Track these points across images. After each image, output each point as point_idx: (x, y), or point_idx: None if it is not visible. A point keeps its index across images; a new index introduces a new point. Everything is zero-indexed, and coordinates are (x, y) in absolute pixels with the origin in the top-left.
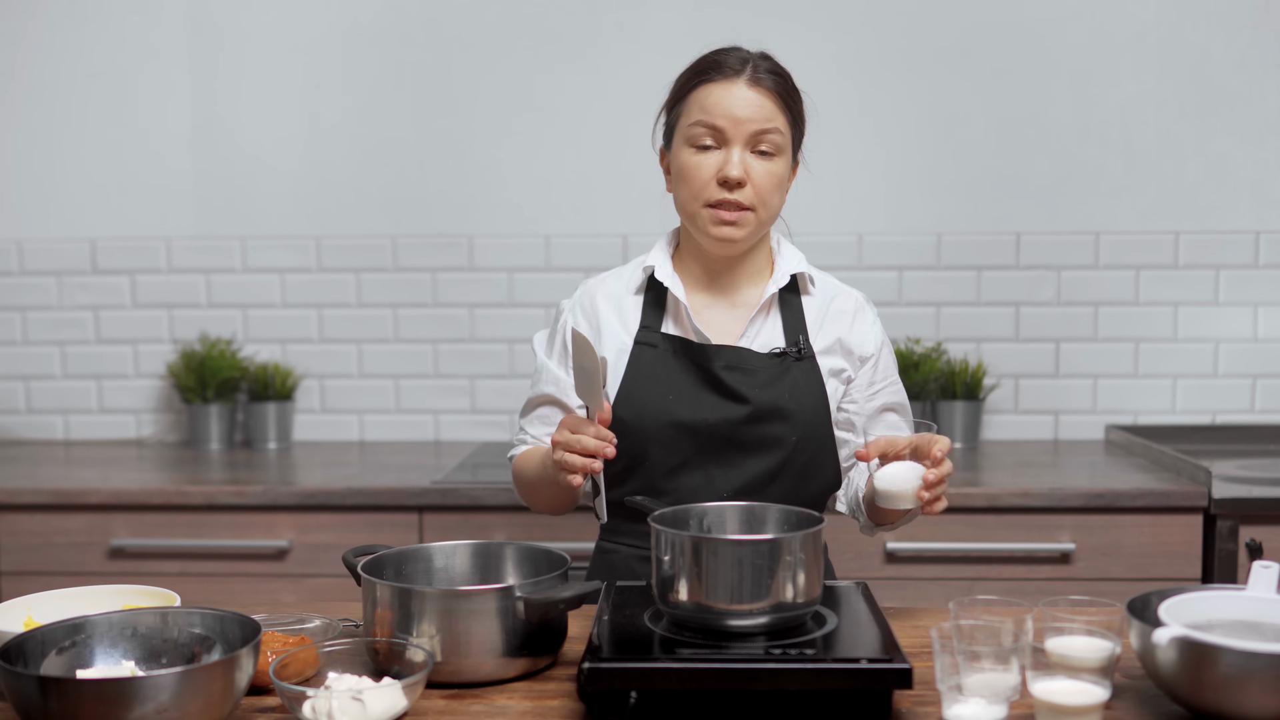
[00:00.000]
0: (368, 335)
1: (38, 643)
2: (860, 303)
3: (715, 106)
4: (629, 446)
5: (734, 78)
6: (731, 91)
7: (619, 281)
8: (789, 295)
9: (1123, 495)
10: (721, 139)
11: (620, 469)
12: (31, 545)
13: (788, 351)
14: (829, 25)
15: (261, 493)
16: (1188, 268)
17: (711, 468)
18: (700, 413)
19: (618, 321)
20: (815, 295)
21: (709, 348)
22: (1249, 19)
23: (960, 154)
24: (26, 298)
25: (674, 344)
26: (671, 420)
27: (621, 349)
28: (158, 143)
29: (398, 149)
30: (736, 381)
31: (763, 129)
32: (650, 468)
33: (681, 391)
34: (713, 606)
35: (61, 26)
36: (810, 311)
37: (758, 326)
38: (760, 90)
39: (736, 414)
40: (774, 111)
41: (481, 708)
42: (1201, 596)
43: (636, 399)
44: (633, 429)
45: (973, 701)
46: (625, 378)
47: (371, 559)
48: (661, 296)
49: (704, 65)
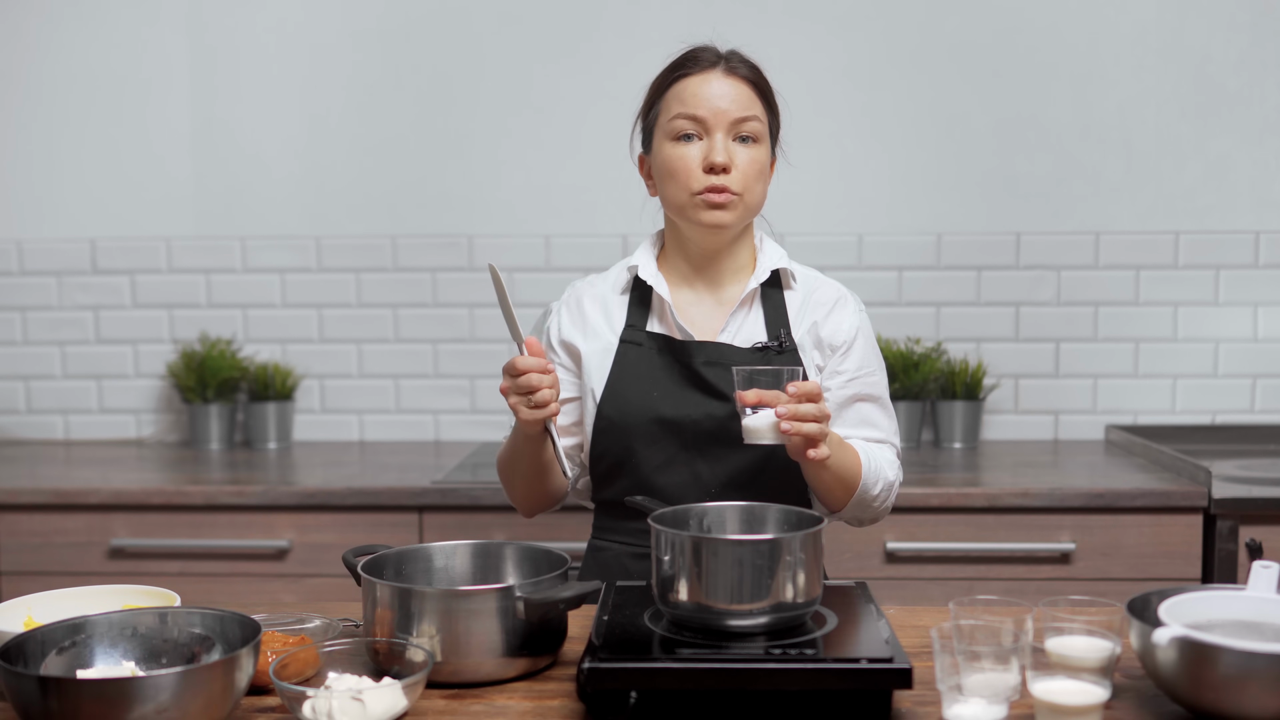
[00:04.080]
0: (368, 335)
1: (38, 643)
2: (841, 294)
3: (694, 97)
4: (615, 445)
5: (710, 69)
6: (709, 82)
7: (605, 283)
8: (771, 290)
9: (1123, 495)
10: (703, 128)
11: (607, 467)
12: (31, 545)
13: (769, 345)
14: (829, 25)
15: (261, 493)
16: (1188, 268)
17: (698, 464)
18: (684, 409)
19: (604, 321)
20: (797, 290)
21: (691, 344)
22: (1249, 19)
23: (960, 154)
24: (26, 298)
25: (658, 341)
26: (656, 417)
27: (607, 348)
28: (158, 143)
29: (398, 149)
30: (717, 377)
31: (743, 116)
32: (637, 465)
33: (665, 389)
34: (713, 606)
35: (61, 26)
36: (792, 305)
37: (739, 321)
38: (736, 79)
39: (719, 410)
40: (751, 99)
41: (481, 708)
42: (1201, 596)
43: (621, 397)
44: (618, 426)
45: (973, 701)
46: (611, 376)
47: (371, 559)
48: (646, 295)
49: (679, 62)
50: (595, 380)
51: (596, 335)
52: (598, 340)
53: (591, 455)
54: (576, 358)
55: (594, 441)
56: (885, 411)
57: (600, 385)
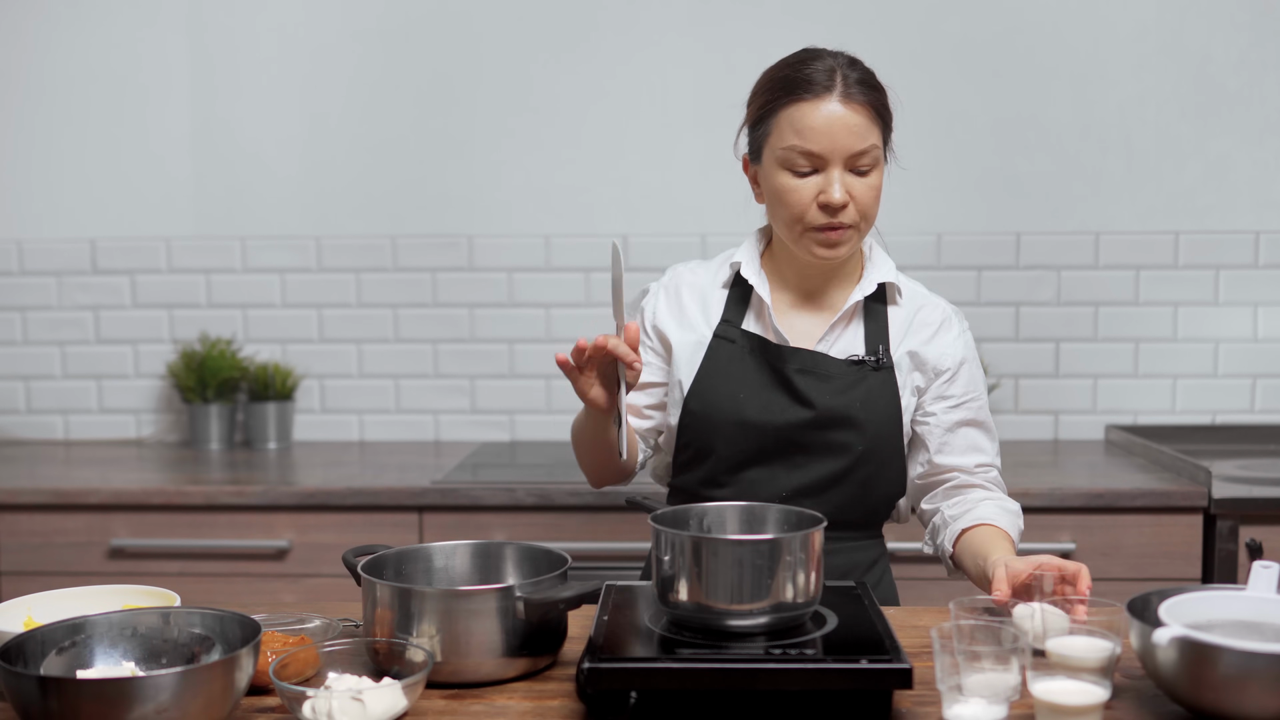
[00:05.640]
0: (368, 335)
1: (38, 643)
2: (946, 315)
3: (809, 131)
4: (698, 439)
5: (825, 95)
6: (824, 112)
7: (706, 273)
8: (875, 304)
9: (1123, 495)
10: (819, 162)
11: (687, 459)
12: (31, 545)
13: (866, 360)
14: (830, 24)
15: (261, 493)
16: (1188, 268)
17: (776, 466)
18: (768, 413)
19: (699, 313)
20: (902, 306)
21: (785, 349)
22: (1249, 19)
23: (960, 154)
24: (26, 298)
25: (752, 341)
26: (739, 418)
27: (700, 341)
28: (158, 143)
29: (398, 149)
30: (807, 386)
31: (861, 150)
32: (716, 461)
33: (752, 390)
34: (713, 606)
35: (61, 26)
36: (895, 322)
37: (839, 332)
38: (854, 106)
39: (802, 418)
40: (869, 127)
41: (481, 708)
42: (1201, 596)
43: (707, 392)
44: (702, 422)
45: (973, 701)
46: (700, 371)
47: (371, 559)
48: (747, 293)
49: (791, 81)
50: (685, 372)
51: (691, 327)
52: (692, 332)
53: (676, 445)
54: (667, 346)
55: (679, 433)
56: (990, 435)
57: (689, 378)
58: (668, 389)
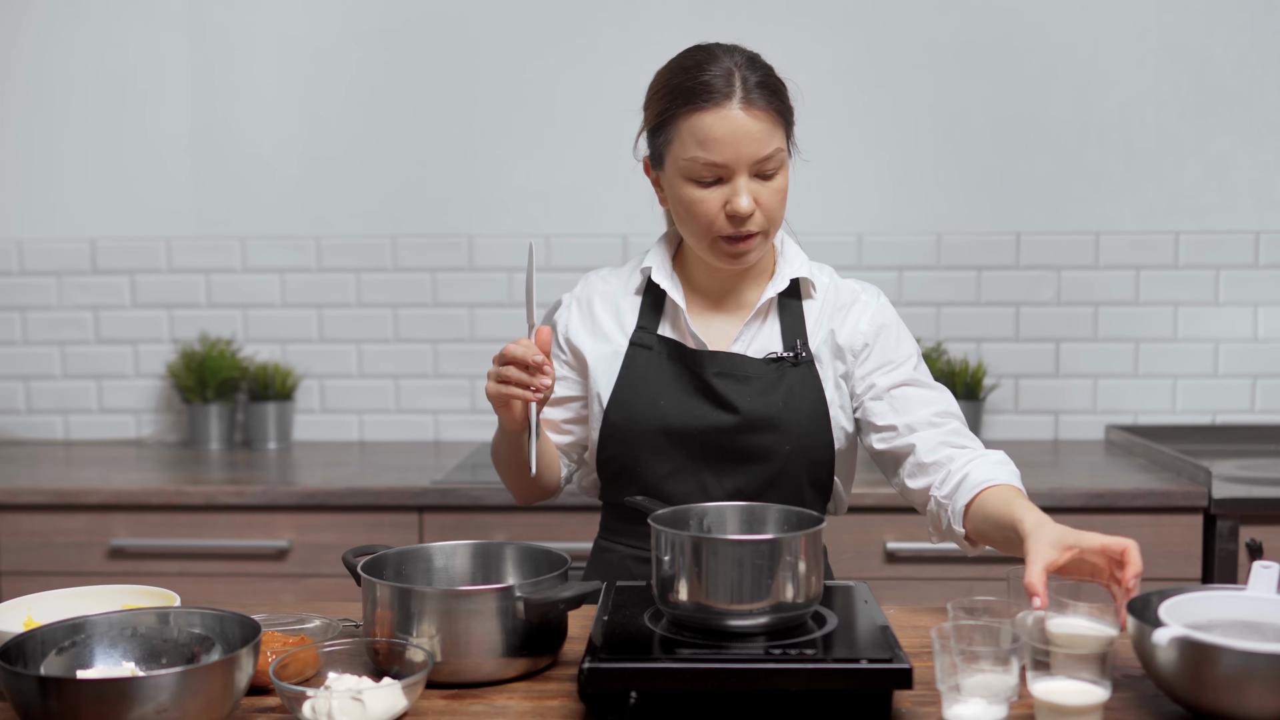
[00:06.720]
0: (368, 335)
1: (38, 643)
2: (855, 293)
3: (712, 142)
4: (621, 451)
5: (724, 103)
6: (726, 120)
7: (618, 280)
8: (789, 300)
9: (1123, 495)
10: (724, 172)
11: (614, 472)
12: (31, 545)
13: (784, 357)
14: (830, 24)
15: (261, 493)
16: (1188, 268)
17: (704, 475)
18: (691, 419)
19: (613, 322)
20: (817, 298)
21: (702, 354)
22: (1249, 19)
23: (960, 154)
24: (26, 298)
25: (669, 347)
26: (662, 426)
27: (616, 352)
28: (158, 142)
29: (398, 149)
30: (728, 389)
31: (765, 155)
32: (643, 473)
33: (673, 397)
34: (713, 606)
35: (61, 26)
36: (811, 315)
37: (754, 331)
38: (755, 112)
39: (726, 422)
40: (771, 131)
41: (481, 708)
42: (1201, 596)
43: (628, 404)
44: (624, 433)
45: (973, 702)
46: (618, 381)
47: (371, 559)
48: (660, 298)
49: (688, 90)
50: (603, 384)
51: (606, 337)
52: (607, 343)
53: (598, 459)
54: (581, 360)
55: (600, 446)
56: (935, 390)
57: (608, 390)
58: (585, 402)
